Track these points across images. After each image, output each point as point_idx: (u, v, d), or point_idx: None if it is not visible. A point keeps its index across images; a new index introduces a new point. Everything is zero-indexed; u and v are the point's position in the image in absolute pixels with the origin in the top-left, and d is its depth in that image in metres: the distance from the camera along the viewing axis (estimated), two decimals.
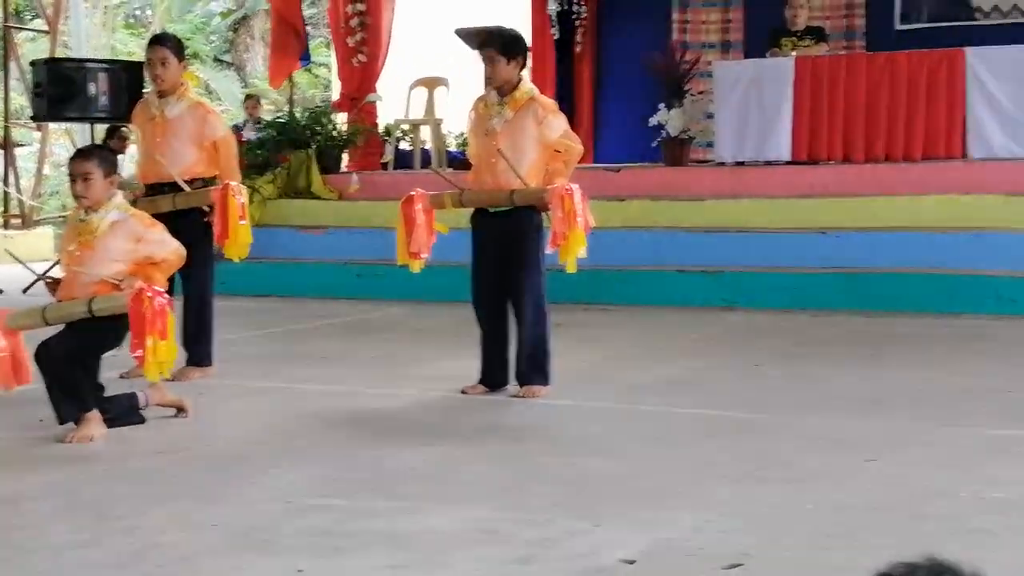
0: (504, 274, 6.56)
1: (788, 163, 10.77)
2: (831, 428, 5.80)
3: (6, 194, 17.58)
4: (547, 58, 13.80)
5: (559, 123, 6.53)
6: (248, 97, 17.64)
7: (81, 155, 6.10)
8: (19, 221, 17.55)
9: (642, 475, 5.05)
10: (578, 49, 13.75)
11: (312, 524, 4.40)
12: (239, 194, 7.21)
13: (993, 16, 12.20)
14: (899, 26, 12.57)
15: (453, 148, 13.60)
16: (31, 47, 22.28)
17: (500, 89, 6.51)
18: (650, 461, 5.28)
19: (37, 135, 20.79)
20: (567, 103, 13.45)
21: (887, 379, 6.96)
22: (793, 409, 6.23)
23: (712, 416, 6.11)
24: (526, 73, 12.44)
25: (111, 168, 6.02)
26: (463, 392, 6.70)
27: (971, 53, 10.25)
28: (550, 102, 6.68)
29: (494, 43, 6.46)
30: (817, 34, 11.37)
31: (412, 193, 6.64)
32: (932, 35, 12.04)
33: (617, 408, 6.37)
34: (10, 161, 17.64)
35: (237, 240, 7.22)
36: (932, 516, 4.40)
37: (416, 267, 6.68)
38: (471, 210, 6.71)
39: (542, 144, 6.48)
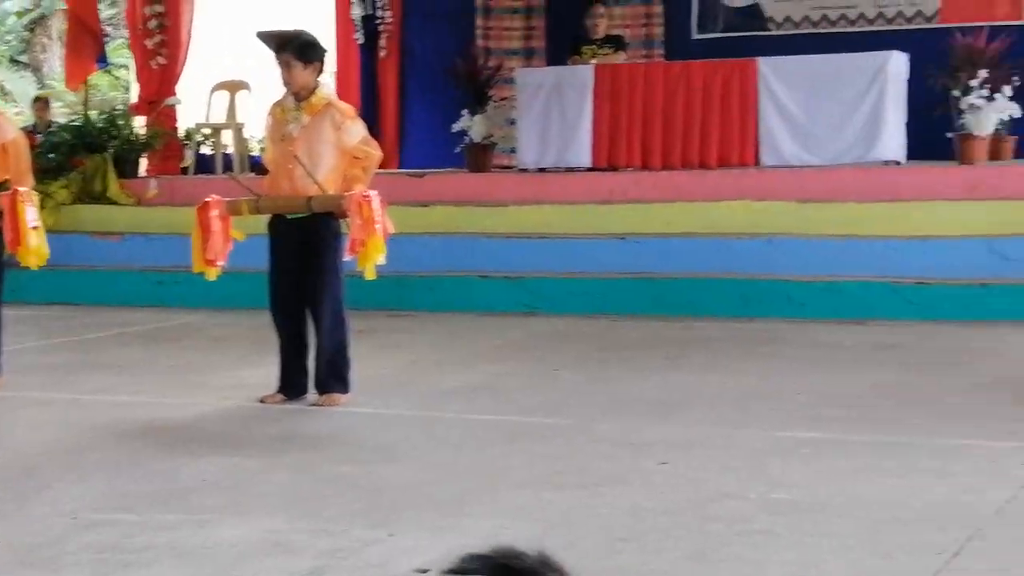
0: (302, 281, 6.50)
1: (589, 169, 10.90)
2: (627, 432, 5.89)
3: None
4: (351, 63, 13.71)
5: (357, 129, 6.50)
6: (36, 99, 17.08)
7: None
8: None
9: (440, 482, 5.05)
10: (383, 54, 13.68)
11: (99, 539, 4.29)
12: (28, 200, 6.99)
13: (785, 27, 12.53)
14: (696, 35, 12.82)
15: (256, 153, 13.42)
16: None
17: (297, 94, 6.45)
18: (448, 468, 5.29)
19: None
20: (371, 108, 13.41)
21: (683, 382, 7.09)
22: (591, 414, 6.30)
23: (511, 422, 6.14)
24: (329, 78, 12.35)
25: None
26: (261, 401, 6.61)
27: (763, 63, 10.51)
28: (348, 107, 6.64)
29: (290, 48, 6.40)
30: (616, 43, 11.53)
31: (207, 200, 6.52)
32: (728, 45, 12.30)
33: (417, 415, 6.36)
34: None
35: (29, 247, 7.01)
36: (721, 517, 4.50)
37: (212, 275, 6.58)
38: (269, 216, 6.64)
39: (340, 150, 6.44)
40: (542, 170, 11.08)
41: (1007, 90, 10.14)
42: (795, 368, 7.45)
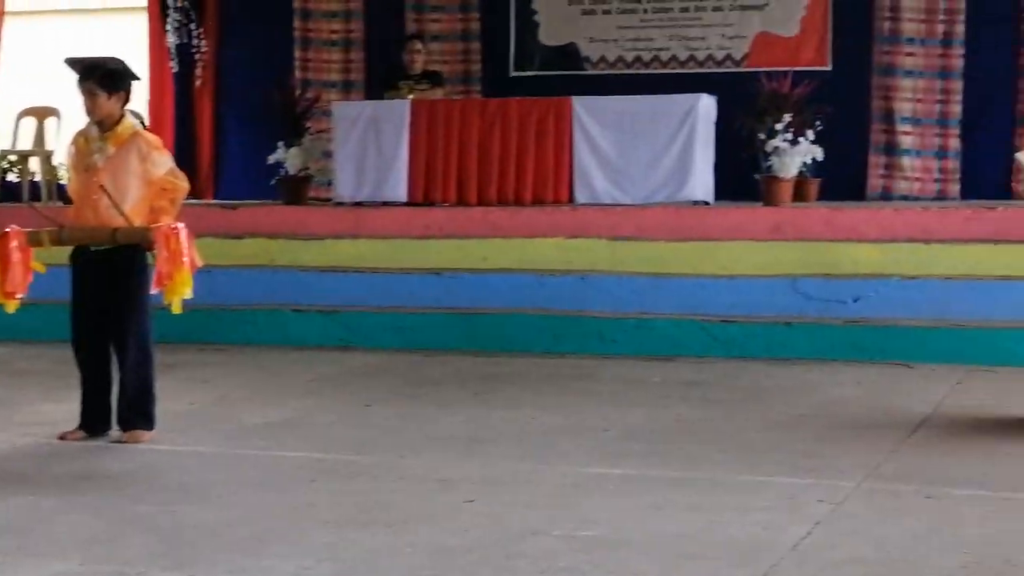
0: (106, 314, 6.35)
1: (405, 204, 10.90)
2: (435, 469, 5.88)
3: None
4: (165, 92, 13.48)
5: (164, 160, 6.39)
6: None
7: None
8: None
9: (243, 522, 4.97)
10: (198, 84, 13.48)
11: None
12: None
13: (600, 66, 12.73)
14: (513, 73, 12.96)
15: (65, 181, 13.08)
16: None
17: (101, 124, 6.32)
18: (252, 507, 5.21)
19: None
20: (186, 138, 13.23)
21: (493, 418, 7.12)
22: (400, 450, 6.28)
23: (319, 459, 6.08)
24: (143, 107, 12.11)
25: None
26: (61, 438, 6.43)
27: (577, 102, 10.65)
28: (154, 138, 6.52)
29: (93, 76, 6.27)
30: (434, 78, 11.58)
31: (7, 230, 6.33)
32: (545, 83, 12.46)
33: (223, 452, 6.26)
34: None
35: None
36: (526, 555, 4.52)
37: (11, 307, 6.37)
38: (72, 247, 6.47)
39: (146, 181, 6.32)
40: (358, 204, 11.04)
41: (810, 134, 10.48)
42: (604, 404, 7.54)
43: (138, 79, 6.70)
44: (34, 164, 12.97)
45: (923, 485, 5.51)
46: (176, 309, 6.20)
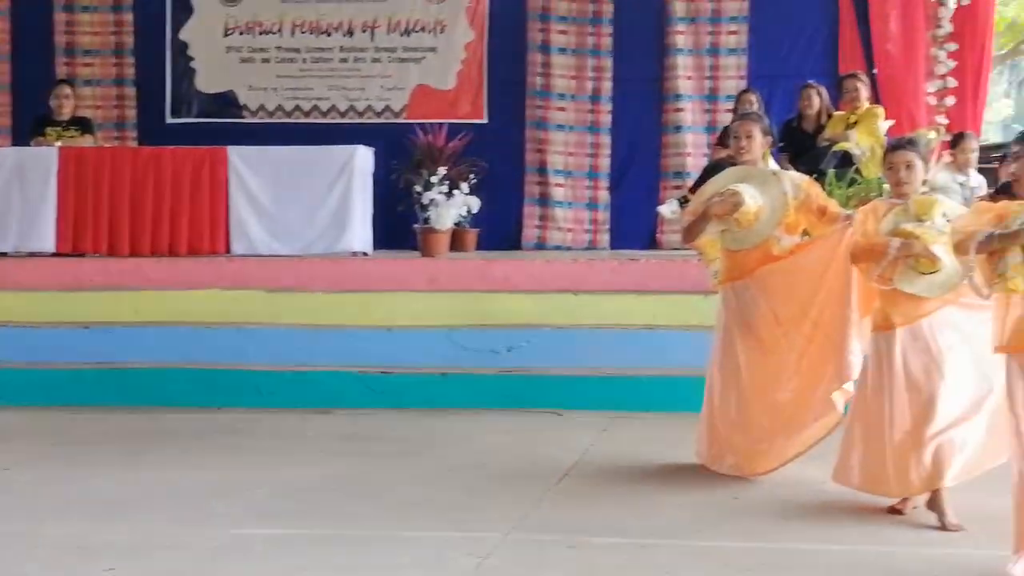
0: None
1: (53, 255, 10.52)
2: (76, 535, 5.65)
3: None
4: None
5: None
6: None
7: None
8: None
9: None
10: None
11: None
12: None
13: (260, 115, 12.67)
14: (170, 120, 12.74)
15: None
16: None
17: None
18: None
19: None
20: None
21: (143, 479, 6.90)
22: (39, 516, 6.01)
23: None
24: None
25: None
26: None
27: (233, 152, 10.54)
28: None
29: None
30: (83, 125, 11.21)
31: None
32: (202, 130, 12.30)
33: None
34: None
35: None
36: None
37: None
38: None
39: None
40: (2, 255, 10.59)
41: (465, 186, 10.69)
42: (257, 460, 7.41)
43: None
44: None
45: (566, 535, 5.65)
46: None
